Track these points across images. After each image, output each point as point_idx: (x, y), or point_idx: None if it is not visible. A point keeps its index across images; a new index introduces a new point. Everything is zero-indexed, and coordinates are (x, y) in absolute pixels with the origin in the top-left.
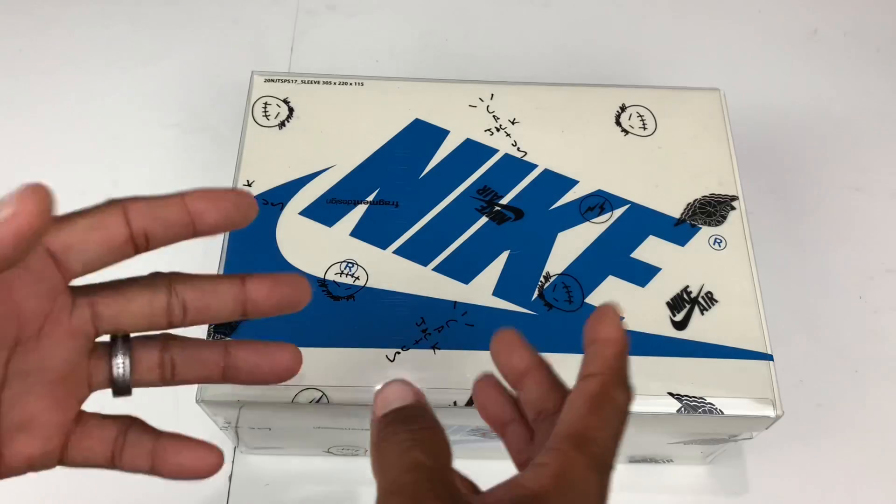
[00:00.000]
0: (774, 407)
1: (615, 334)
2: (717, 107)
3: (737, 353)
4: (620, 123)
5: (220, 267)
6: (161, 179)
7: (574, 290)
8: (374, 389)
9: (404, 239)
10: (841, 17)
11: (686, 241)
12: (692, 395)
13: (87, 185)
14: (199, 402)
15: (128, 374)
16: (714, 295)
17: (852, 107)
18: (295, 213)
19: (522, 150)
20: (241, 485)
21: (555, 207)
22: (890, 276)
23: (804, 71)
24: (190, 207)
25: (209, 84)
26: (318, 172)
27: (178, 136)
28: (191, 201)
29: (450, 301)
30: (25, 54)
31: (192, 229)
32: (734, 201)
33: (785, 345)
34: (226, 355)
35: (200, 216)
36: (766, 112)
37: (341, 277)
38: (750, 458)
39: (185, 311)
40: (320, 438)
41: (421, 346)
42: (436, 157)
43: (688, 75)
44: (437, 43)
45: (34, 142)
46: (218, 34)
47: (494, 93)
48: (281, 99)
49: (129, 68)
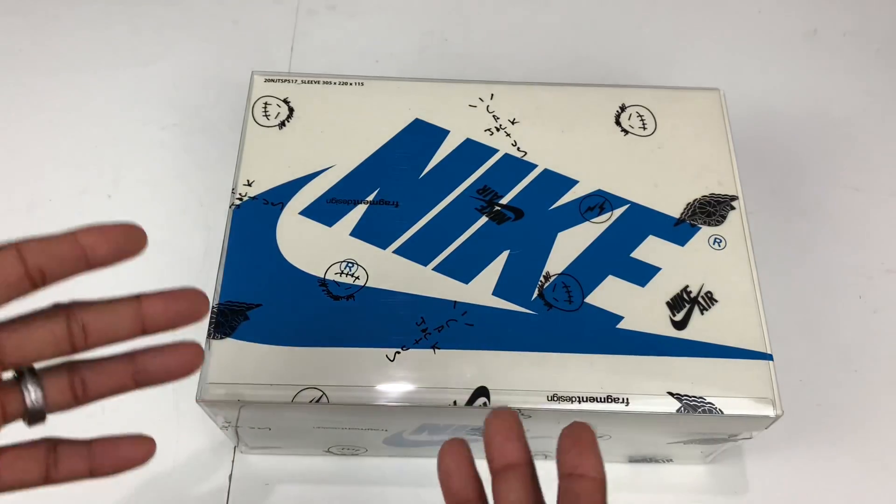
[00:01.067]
0: (774, 407)
1: (598, 471)
2: (717, 107)
3: (737, 353)
4: (620, 123)
5: (221, 267)
6: (161, 179)
7: (574, 289)
8: (373, 389)
9: (404, 239)
10: (841, 17)
11: (686, 240)
12: (692, 395)
13: (87, 185)
14: (199, 402)
15: (40, 400)
16: (714, 295)
17: (852, 107)
18: (295, 213)
19: (522, 150)
20: (241, 485)
21: (555, 207)
22: (890, 276)
23: (804, 71)
24: (82, 242)
25: (209, 84)
26: (318, 172)
27: (178, 136)
28: (82, 237)
29: (450, 301)
30: (25, 54)
31: (85, 263)
32: (734, 201)
33: (785, 345)
34: (133, 363)
35: (92, 250)
36: (766, 112)
37: (341, 277)
38: (750, 457)
39: (87, 335)
40: (320, 438)
41: (421, 346)
42: (436, 157)
43: (688, 75)
44: (437, 43)
45: (34, 142)
46: (218, 34)
47: (494, 93)
48: (281, 99)
49: (128, 68)
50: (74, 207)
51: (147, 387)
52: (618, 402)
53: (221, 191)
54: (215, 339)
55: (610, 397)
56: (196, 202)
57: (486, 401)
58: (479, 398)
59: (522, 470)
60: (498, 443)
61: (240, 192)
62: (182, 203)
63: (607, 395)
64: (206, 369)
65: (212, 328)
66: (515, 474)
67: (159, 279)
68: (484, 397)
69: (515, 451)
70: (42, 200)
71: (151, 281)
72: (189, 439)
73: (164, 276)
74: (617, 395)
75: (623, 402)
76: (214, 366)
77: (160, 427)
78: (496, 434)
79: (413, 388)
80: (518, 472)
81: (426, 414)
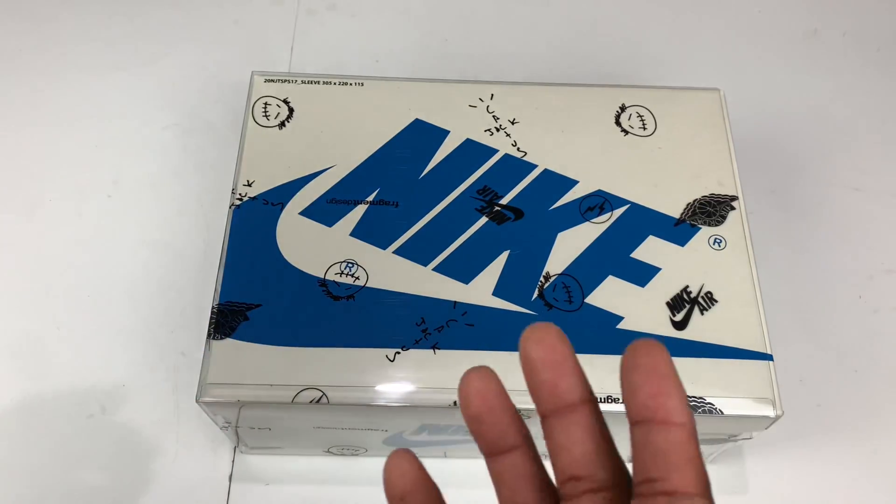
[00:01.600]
0: (774, 407)
1: (690, 416)
2: (717, 107)
3: (737, 353)
4: (620, 123)
5: (221, 267)
6: (161, 179)
7: (574, 290)
8: (373, 389)
9: (404, 239)
10: (841, 17)
11: (686, 241)
12: (692, 395)
13: (87, 185)
14: (199, 402)
15: None
16: (714, 295)
17: (852, 107)
18: (295, 213)
19: (522, 150)
20: (241, 485)
21: (555, 207)
22: (890, 276)
23: (804, 71)
24: None
25: (209, 84)
26: (318, 172)
27: (178, 136)
28: None
29: (450, 301)
30: (26, 54)
31: None
32: (734, 201)
33: (785, 345)
34: None
35: None
36: (766, 112)
37: (341, 277)
38: (750, 458)
39: None
40: (320, 438)
41: (421, 346)
42: (436, 157)
43: (688, 75)
44: (437, 43)
45: (34, 142)
46: (218, 34)
47: (494, 93)
48: (281, 99)
49: (129, 68)
50: (74, 207)
51: None
52: (618, 402)
53: (221, 191)
54: (215, 340)
55: (610, 397)
56: (196, 202)
57: None
58: None
59: (582, 414)
60: (548, 377)
61: (240, 192)
62: (182, 203)
63: (607, 395)
64: (206, 369)
65: (212, 328)
66: (574, 422)
67: (159, 279)
68: None
69: (572, 389)
70: (42, 200)
71: (150, 281)
72: (189, 439)
73: (163, 276)
74: (617, 396)
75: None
76: (214, 366)
77: (160, 427)
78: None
79: (413, 388)
80: (577, 416)
81: (426, 414)
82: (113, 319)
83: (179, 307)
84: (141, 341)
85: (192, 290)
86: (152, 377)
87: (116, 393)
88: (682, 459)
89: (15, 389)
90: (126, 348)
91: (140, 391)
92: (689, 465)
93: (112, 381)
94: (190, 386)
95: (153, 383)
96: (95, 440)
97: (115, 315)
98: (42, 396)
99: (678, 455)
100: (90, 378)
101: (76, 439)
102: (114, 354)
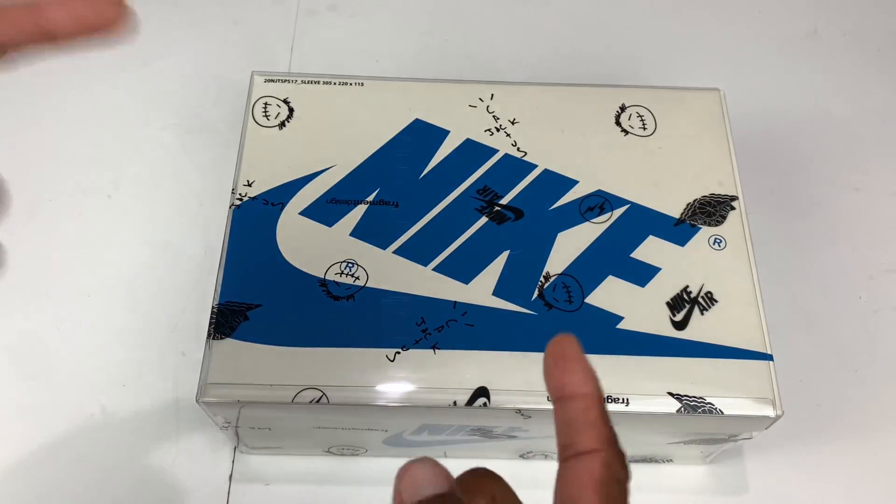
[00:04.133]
0: (774, 407)
1: (592, 387)
2: (717, 107)
3: (737, 353)
4: (620, 123)
5: (221, 267)
6: (161, 179)
7: (574, 290)
8: (373, 389)
9: (404, 239)
10: (841, 17)
11: (686, 241)
12: (692, 395)
13: (87, 185)
14: (199, 402)
15: None
16: (714, 295)
17: (852, 107)
18: (295, 213)
19: (522, 150)
20: (241, 485)
21: (555, 207)
22: (890, 276)
23: (804, 71)
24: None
25: (209, 84)
26: (318, 172)
27: (178, 136)
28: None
29: (450, 301)
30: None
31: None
32: (734, 201)
33: (785, 345)
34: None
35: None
36: (766, 112)
37: (341, 277)
38: (750, 458)
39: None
40: (320, 438)
41: (421, 346)
42: (436, 157)
43: (688, 75)
44: (437, 43)
45: (34, 142)
46: (218, 34)
47: (494, 93)
48: (281, 99)
49: (129, 68)
50: (74, 207)
51: (61, 42)
52: (618, 402)
53: (221, 191)
54: (215, 340)
55: (610, 397)
56: (196, 202)
57: (486, 401)
58: (479, 398)
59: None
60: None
61: (240, 192)
62: (182, 203)
63: (607, 395)
64: (206, 369)
65: (212, 328)
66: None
67: (159, 279)
68: (484, 397)
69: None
70: (42, 200)
71: (150, 281)
72: (189, 439)
73: (164, 276)
74: (617, 396)
75: (623, 403)
76: (214, 366)
77: (160, 427)
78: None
79: (413, 388)
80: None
81: (426, 414)
82: (113, 319)
83: (179, 307)
84: (141, 341)
85: (192, 289)
86: (152, 377)
87: (116, 393)
88: (585, 423)
89: (15, 389)
90: (126, 348)
91: (140, 391)
92: (591, 428)
93: (112, 381)
94: (190, 386)
95: (153, 383)
96: (95, 440)
97: (115, 315)
98: (42, 396)
99: (582, 420)
100: (90, 378)
101: (76, 439)
102: (114, 354)
